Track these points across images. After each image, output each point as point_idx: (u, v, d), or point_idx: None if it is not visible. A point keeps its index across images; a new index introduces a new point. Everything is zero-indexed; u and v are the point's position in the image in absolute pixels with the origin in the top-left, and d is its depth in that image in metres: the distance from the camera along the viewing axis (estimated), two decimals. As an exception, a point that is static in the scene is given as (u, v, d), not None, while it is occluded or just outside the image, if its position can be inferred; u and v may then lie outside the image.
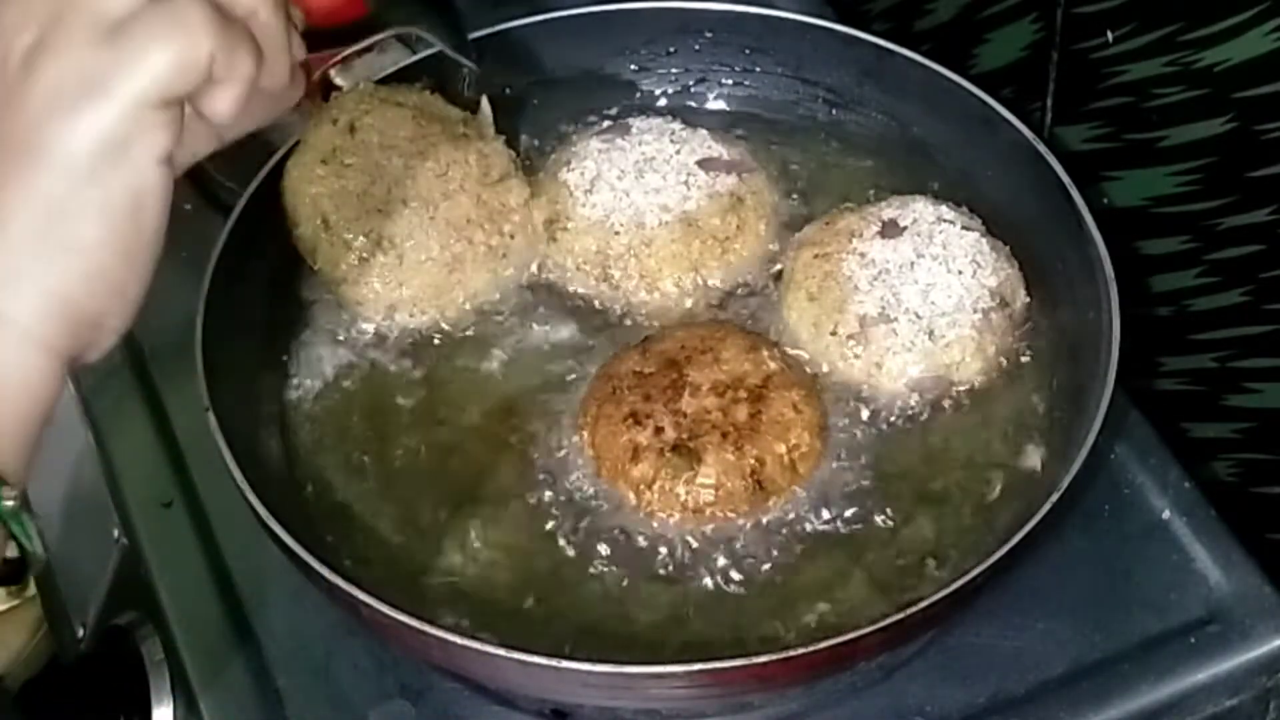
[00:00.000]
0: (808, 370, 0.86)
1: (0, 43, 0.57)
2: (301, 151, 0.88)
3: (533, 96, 0.99)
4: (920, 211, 0.89)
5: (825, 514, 0.81)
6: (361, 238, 0.87)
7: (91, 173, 0.56)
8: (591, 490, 0.82)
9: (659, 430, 0.81)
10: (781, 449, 0.81)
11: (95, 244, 0.57)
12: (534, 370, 0.88)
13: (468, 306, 0.90)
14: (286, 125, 0.88)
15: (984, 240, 0.88)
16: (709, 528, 0.80)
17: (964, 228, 0.88)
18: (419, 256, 0.87)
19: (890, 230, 0.88)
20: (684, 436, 0.81)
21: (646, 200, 0.91)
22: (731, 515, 0.80)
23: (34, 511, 0.58)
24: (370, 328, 0.89)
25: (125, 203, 0.56)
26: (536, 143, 0.98)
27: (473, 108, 0.93)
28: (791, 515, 0.81)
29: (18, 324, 0.56)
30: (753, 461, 0.80)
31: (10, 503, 0.56)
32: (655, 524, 0.80)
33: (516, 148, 0.94)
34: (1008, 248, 0.89)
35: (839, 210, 0.92)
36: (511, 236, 0.90)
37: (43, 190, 0.56)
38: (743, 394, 0.82)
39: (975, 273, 0.86)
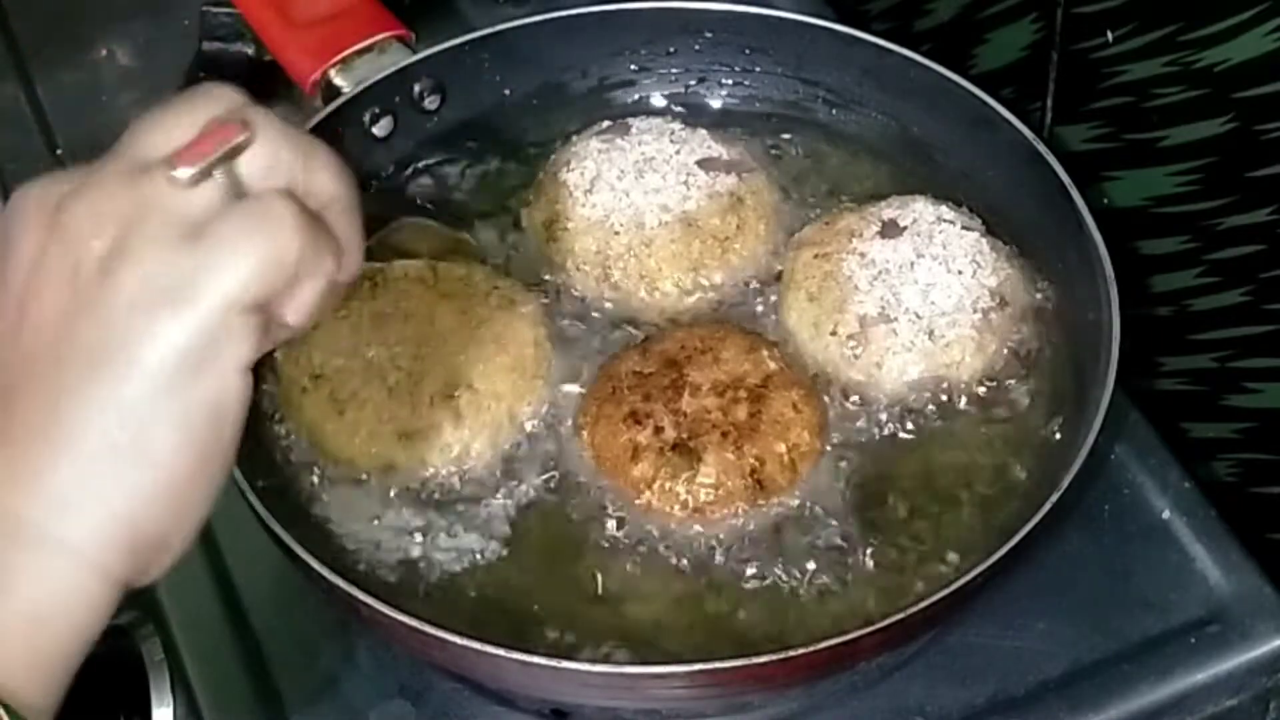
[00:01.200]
0: (807, 370, 0.86)
1: (71, 249, 0.53)
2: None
3: (533, 97, 0.99)
4: (920, 211, 0.89)
5: (824, 514, 0.81)
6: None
7: (172, 383, 0.52)
8: (591, 489, 0.82)
9: (659, 430, 0.81)
10: (781, 448, 0.81)
11: (170, 457, 0.53)
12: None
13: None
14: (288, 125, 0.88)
15: (984, 240, 0.88)
16: (708, 527, 0.80)
17: (964, 227, 0.88)
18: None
19: (890, 230, 0.88)
20: (684, 436, 0.81)
21: (646, 200, 0.91)
22: (731, 514, 0.80)
23: None
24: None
25: (205, 413, 0.53)
26: (537, 143, 0.98)
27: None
28: (791, 514, 0.81)
29: (76, 550, 0.53)
30: (752, 461, 0.80)
31: None
32: (655, 523, 0.80)
33: (518, 150, 0.95)
34: (1008, 248, 0.89)
35: (839, 210, 0.92)
36: None
37: (119, 402, 0.52)
38: (742, 394, 0.82)
39: (975, 273, 0.86)
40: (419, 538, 0.81)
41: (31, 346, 0.53)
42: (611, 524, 0.81)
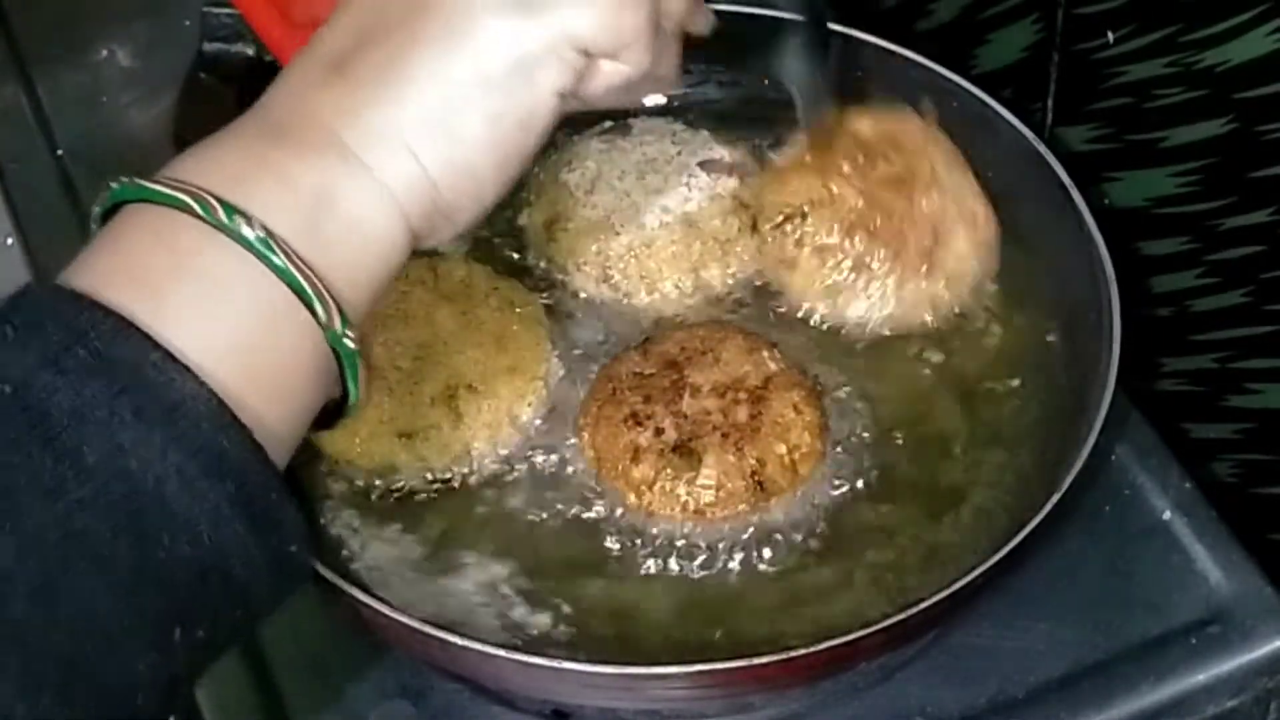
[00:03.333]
0: (807, 371, 0.86)
1: None
2: None
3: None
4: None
5: (825, 514, 0.81)
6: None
7: (497, 82, 0.59)
8: (591, 491, 0.82)
9: (659, 431, 0.81)
10: (782, 450, 0.81)
11: (477, 144, 0.60)
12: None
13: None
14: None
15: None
16: (709, 528, 0.80)
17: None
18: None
19: None
20: (684, 437, 0.81)
21: (647, 201, 0.91)
22: (732, 515, 0.80)
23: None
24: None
25: (517, 118, 0.60)
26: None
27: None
28: (792, 516, 0.81)
29: (386, 186, 0.58)
30: (753, 462, 0.80)
31: (352, 345, 0.58)
32: (656, 525, 0.80)
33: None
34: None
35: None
36: None
37: (447, 78, 0.59)
38: (743, 395, 0.82)
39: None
40: (419, 537, 0.81)
41: (387, 4, 0.60)
42: (611, 525, 0.81)
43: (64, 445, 0.51)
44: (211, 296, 0.55)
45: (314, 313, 0.56)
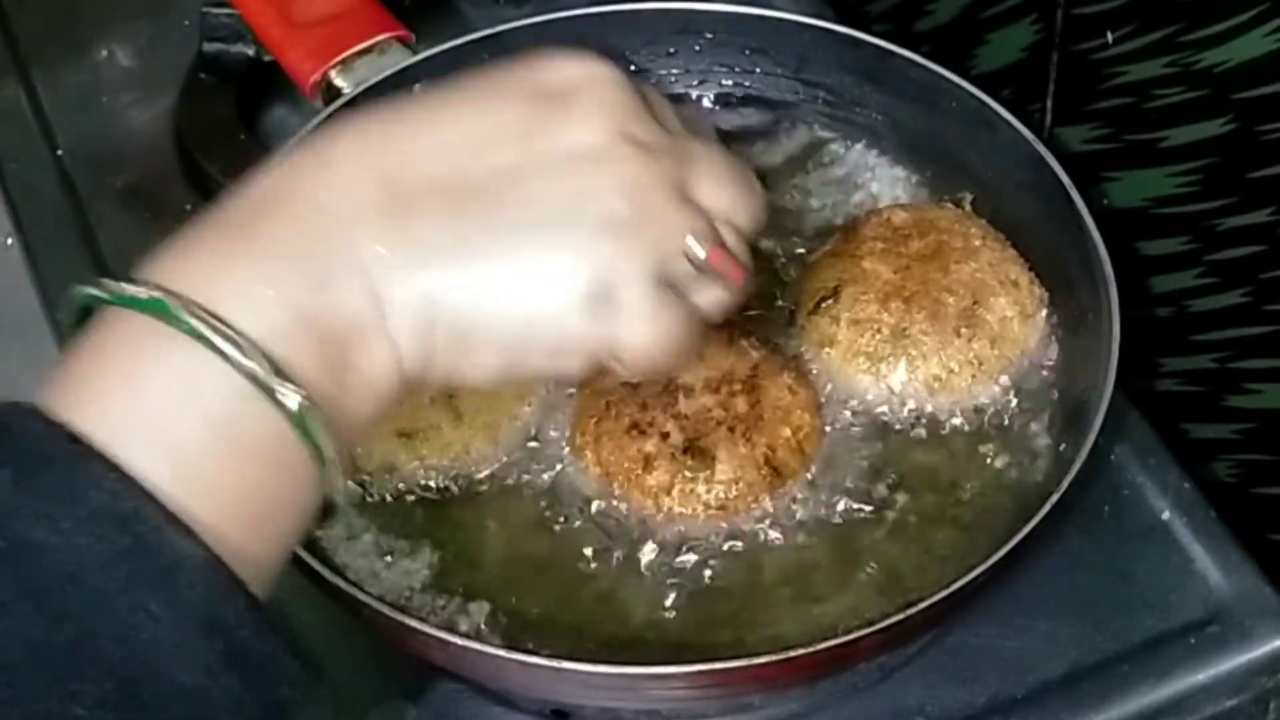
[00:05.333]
0: (786, 352, 0.86)
1: (592, 146, 0.60)
2: None
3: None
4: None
5: (824, 514, 0.81)
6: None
7: (532, 345, 0.59)
8: (591, 490, 0.82)
9: (665, 435, 0.81)
10: (787, 433, 0.81)
11: (478, 368, 0.59)
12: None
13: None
14: (289, 125, 0.88)
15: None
16: (730, 523, 0.80)
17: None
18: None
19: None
20: (692, 438, 0.81)
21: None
22: (752, 506, 0.80)
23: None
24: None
25: (525, 369, 0.60)
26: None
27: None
28: (792, 516, 0.81)
29: (399, 346, 0.57)
30: (764, 450, 0.81)
31: (342, 481, 0.56)
32: (656, 524, 0.80)
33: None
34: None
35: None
36: None
37: (501, 309, 0.58)
38: (737, 386, 0.83)
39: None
40: (420, 537, 0.81)
41: (501, 185, 0.58)
42: (611, 524, 0.81)
43: (58, 609, 0.49)
44: (230, 454, 0.52)
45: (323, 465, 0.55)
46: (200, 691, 0.50)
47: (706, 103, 1.00)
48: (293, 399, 0.52)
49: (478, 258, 0.57)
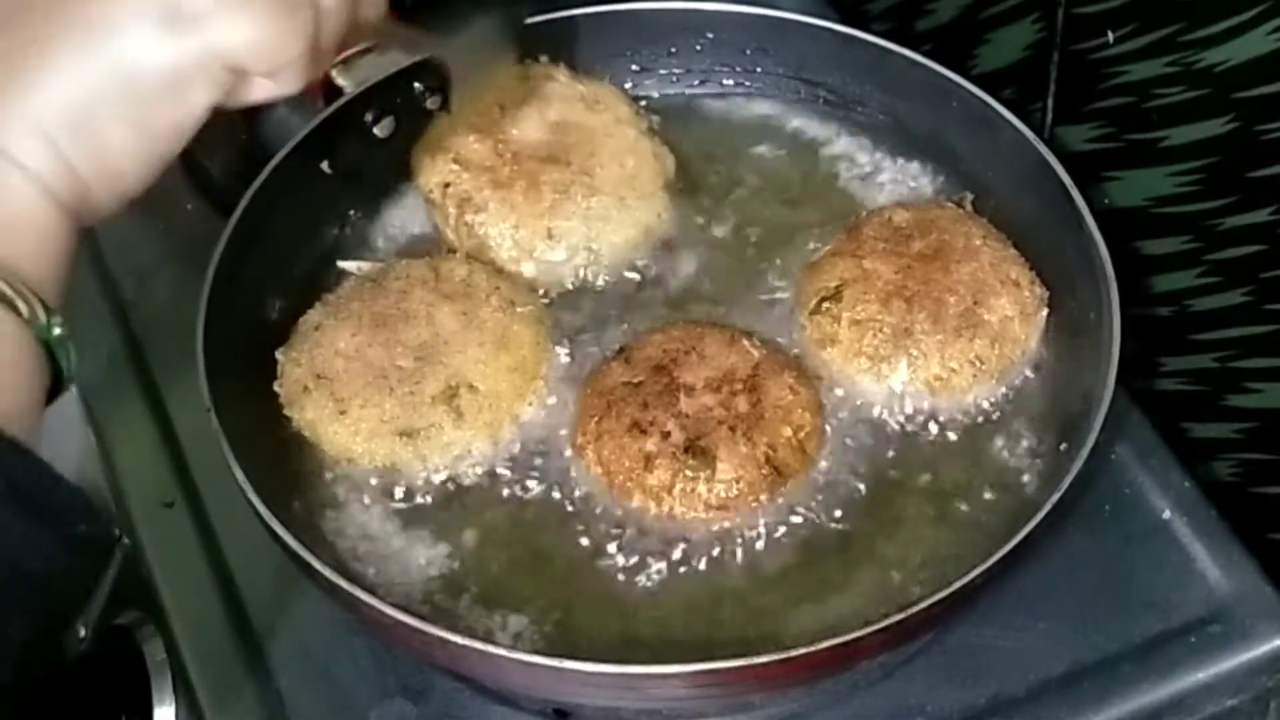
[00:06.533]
0: (787, 351, 0.87)
1: None
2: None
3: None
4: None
5: (824, 515, 0.81)
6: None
7: (149, 93, 0.59)
8: (604, 505, 0.82)
9: (666, 435, 0.81)
10: (788, 432, 0.82)
11: (123, 149, 0.60)
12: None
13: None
14: (289, 125, 0.88)
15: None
16: (730, 522, 0.80)
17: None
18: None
19: None
20: (693, 437, 0.81)
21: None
22: (753, 505, 0.80)
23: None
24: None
25: (163, 128, 0.60)
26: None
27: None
28: (792, 516, 0.81)
29: (31, 171, 0.58)
30: (765, 449, 0.81)
31: (58, 330, 0.58)
32: (656, 524, 0.80)
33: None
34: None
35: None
36: None
37: (96, 78, 0.58)
38: (738, 385, 0.83)
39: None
40: (420, 537, 0.81)
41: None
42: (612, 524, 0.81)
43: None
44: None
45: (15, 309, 0.56)
46: None
47: (707, 102, 1.00)
48: None
49: (53, 57, 0.58)
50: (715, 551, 0.80)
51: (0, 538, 0.52)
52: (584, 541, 0.81)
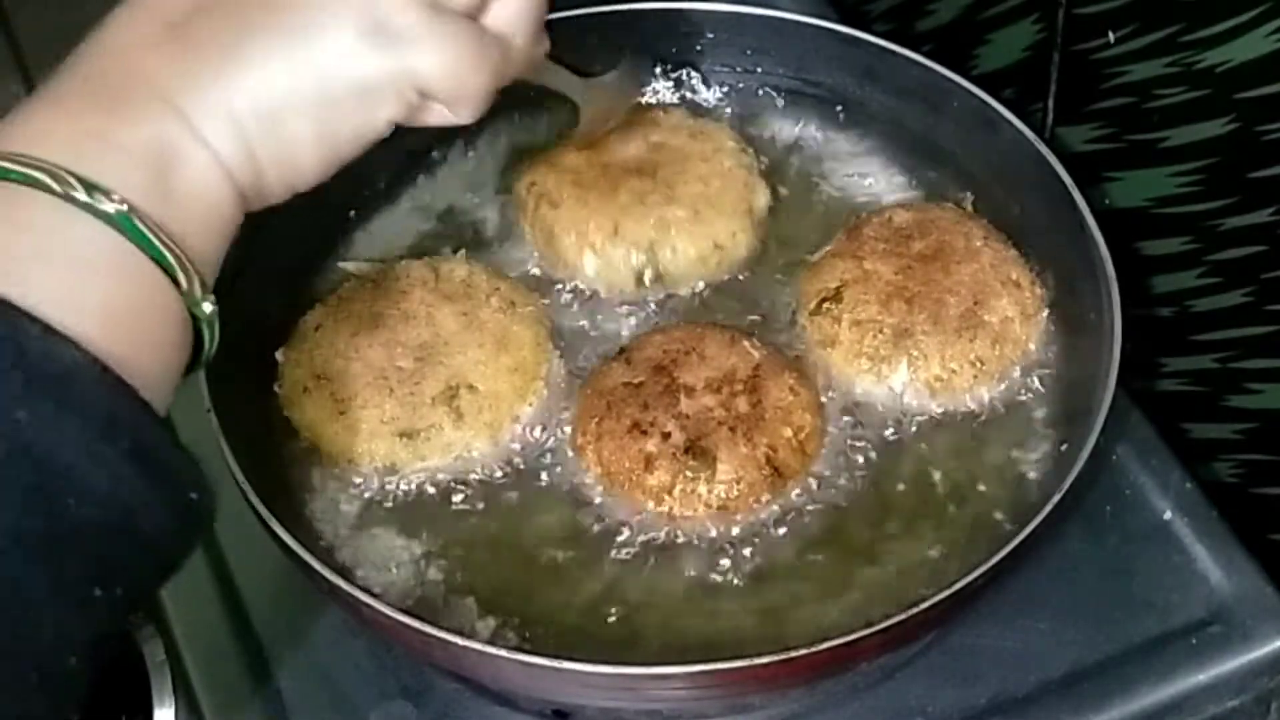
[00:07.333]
0: (788, 352, 0.86)
1: None
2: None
3: (534, 97, 0.98)
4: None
5: (823, 515, 0.81)
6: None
7: (340, 98, 0.61)
8: (592, 490, 0.82)
9: (666, 435, 0.81)
10: (788, 433, 0.81)
11: (304, 146, 0.61)
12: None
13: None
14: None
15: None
16: (730, 524, 0.80)
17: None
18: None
19: None
20: (693, 438, 0.81)
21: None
22: (753, 507, 0.80)
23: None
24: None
25: (346, 135, 0.62)
26: (538, 143, 0.98)
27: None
28: (792, 515, 0.81)
29: (219, 156, 0.59)
30: (765, 450, 0.81)
31: (209, 308, 0.59)
32: (657, 525, 0.80)
33: (521, 150, 0.96)
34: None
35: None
36: None
37: (295, 77, 0.60)
38: (738, 386, 0.83)
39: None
40: (421, 538, 0.81)
41: None
42: (613, 524, 0.81)
43: None
44: (79, 273, 0.55)
45: (175, 280, 0.57)
46: (109, 495, 0.53)
47: (708, 102, 1.00)
48: (108, 205, 0.55)
49: (256, 46, 0.60)
50: (715, 552, 0.80)
51: (121, 493, 0.53)
52: (584, 542, 0.81)
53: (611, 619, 0.78)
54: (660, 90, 1.00)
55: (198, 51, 0.59)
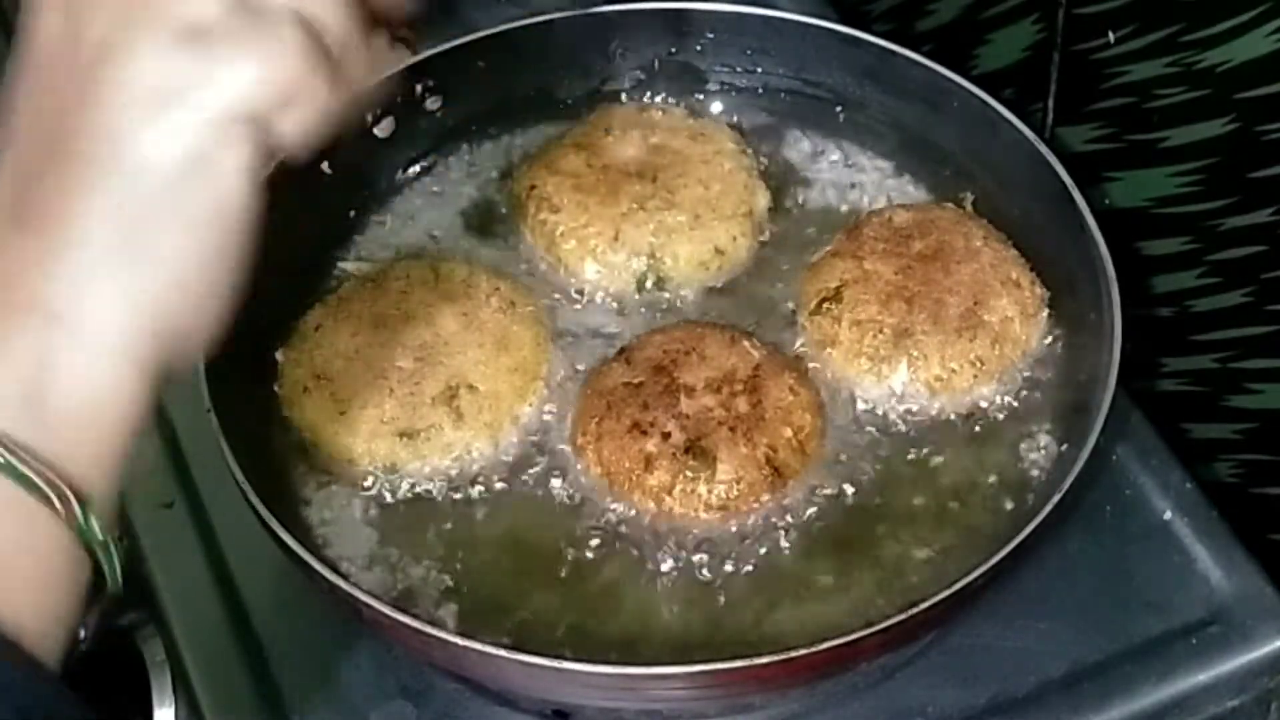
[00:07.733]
0: (787, 352, 0.87)
1: (69, 25, 0.54)
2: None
3: (534, 97, 0.99)
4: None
5: (824, 515, 0.81)
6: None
7: (172, 183, 0.53)
8: (604, 506, 0.82)
9: (666, 435, 0.81)
10: (789, 433, 0.81)
11: (177, 256, 0.54)
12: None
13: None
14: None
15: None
16: (730, 523, 0.80)
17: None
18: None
19: None
20: (693, 438, 0.81)
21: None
22: (753, 507, 0.80)
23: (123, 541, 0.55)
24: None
25: (207, 214, 0.54)
26: (538, 142, 0.98)
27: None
28: (793, 515, 0.81)
29: (101, 338, 0.53)
30: (765, 450, 0.81)
31: (100, 534, 0.53)
32: (657, 525, 0.80)
33: (520, 150, 0.95)
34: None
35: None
36: None
37: (122, 200, 0.53)
38: (738, 386, 0.83)
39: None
40: (421, 538, 0.81)
41: (43, 136, 0.54)
42: (613, 525, 0.81)
43: None
44: None
45: (52, 506, 0.52)
46: None
47: (708, 102, 1.00)
48: None
49: (64, 195, 0.53)
50: (715, 552, 0.80)
51: None
52: (584, 542, 0.81)
53: (611, 619, 0.78)
54: (660, 90, 1.00)
55: (37, 233, 0.53)
